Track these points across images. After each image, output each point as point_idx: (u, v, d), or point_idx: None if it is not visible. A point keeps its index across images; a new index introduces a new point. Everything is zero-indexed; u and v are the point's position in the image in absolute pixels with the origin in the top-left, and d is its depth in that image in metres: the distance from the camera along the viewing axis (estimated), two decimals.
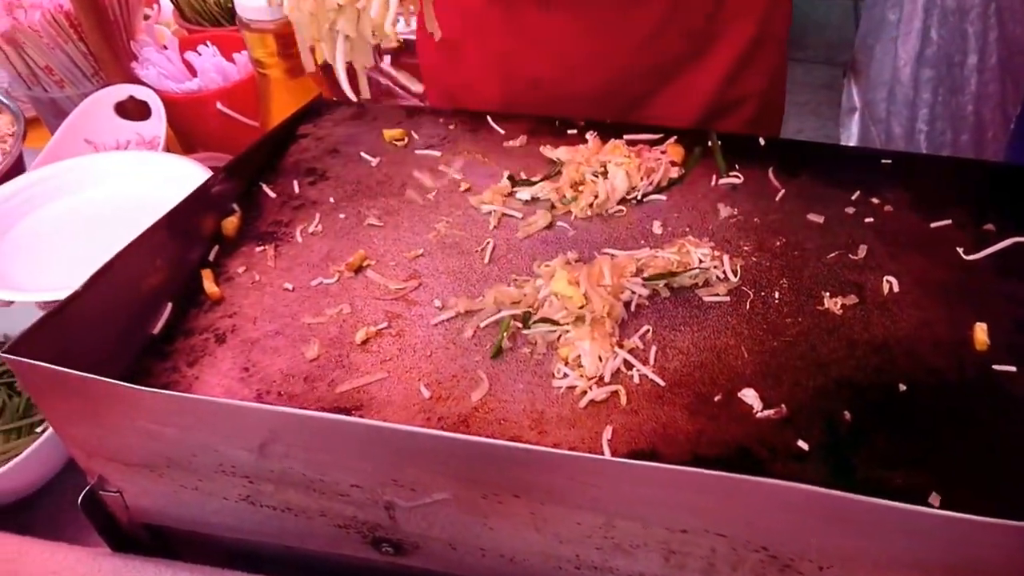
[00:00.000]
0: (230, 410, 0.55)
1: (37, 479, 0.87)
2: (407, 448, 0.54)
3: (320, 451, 0.57)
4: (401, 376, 0.68)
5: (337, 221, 0.84)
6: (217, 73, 1.32)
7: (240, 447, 0.58)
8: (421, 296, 0.75)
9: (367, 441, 0.56)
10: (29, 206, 0.94)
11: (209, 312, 0.76)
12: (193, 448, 0.60)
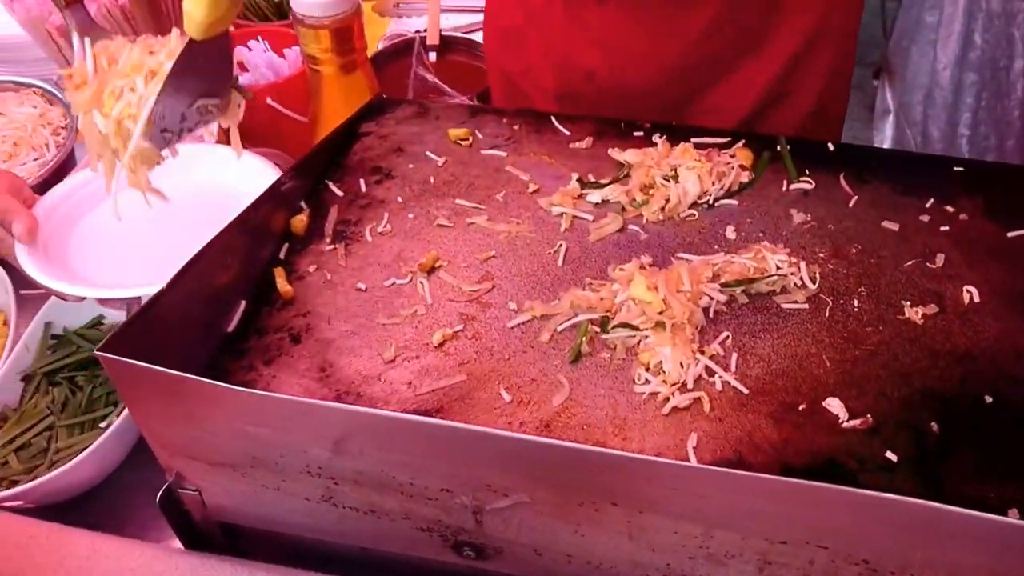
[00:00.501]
0: (326, 412, 0.55)
1: (99, 474, 0.87)
2: (505, 453, 0.54)
3: (412, 454, 0.57)
4: (480, 379, 0.68)
5: (406, 221, 0.83)
6: (268, 68, 1.32)
7: (330, 449, 0.58)
8: (495, 298, 0.75)
9: (462, 445, 0.56)
10: (94, 200, 0.93)
11: (282, 311, 0.75)
12: (282, 448, 0.60)
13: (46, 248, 0.84)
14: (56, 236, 0.87)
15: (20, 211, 0.82)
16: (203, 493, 0.67)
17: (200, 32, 0.73)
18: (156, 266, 0.85)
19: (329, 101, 1.24)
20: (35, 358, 0.94)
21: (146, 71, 0.76)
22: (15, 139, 1.16)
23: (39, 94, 1.27)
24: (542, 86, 1.17)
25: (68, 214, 0.90)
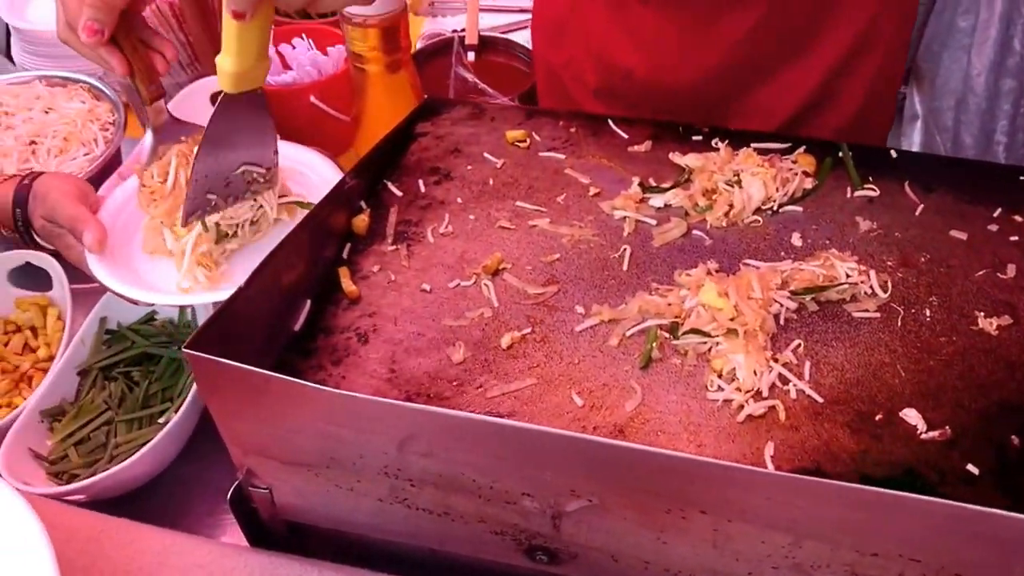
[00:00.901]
0: (412, 414, 0.55)
1: (156, 469, 0.87)
2: (592, 458, 0.54)
3: (494, 457, 0.57)
4: (551, 383, 0.68)
5: (467, 222, 0.83)
6: (312, 66, 1.32)
7: (412, 451, 0.58)
8: (561, 302, 0.75)
9: (546, 449, 0.56)
10: None
11: (348, 311, 0.76)
12: (362, 449, 0.60)
13: (112, 252, 0.84)
14: (120, 239, 0.88)
15: (89, 220, 0.82)
16: (273, 491, 0.68)
17: (231, 85, 0.75)
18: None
19: (374, 100, 1.25)
20: (91, 353, 0.95)
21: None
22: (65, 134, 1.17)
23: (86, 89, 1.28)
24: (582, 80, 1.17)
25: (131, 216, 0.90)
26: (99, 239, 0.82)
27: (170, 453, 0.88)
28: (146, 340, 0.95)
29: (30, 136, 1.15)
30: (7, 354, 0.95)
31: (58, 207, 0.84)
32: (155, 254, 0.86)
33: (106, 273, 0.81)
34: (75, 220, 0.83)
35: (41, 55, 1.46)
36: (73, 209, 0.84)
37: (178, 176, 0.83)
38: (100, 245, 0.82)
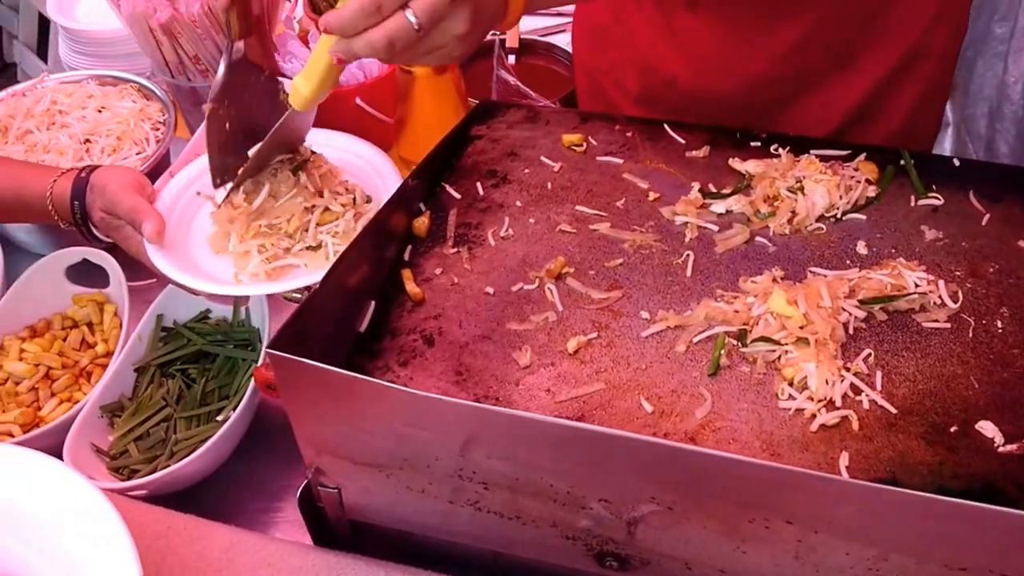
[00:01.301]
0: (495, 417, 0.55)
1: (214, 466, 0.88)
2: (675, 466, 0.54)
3: (573, 462, 0.57)
4: (619, 388, 0.68)
5: (528, 226, 0.83)
6: (358, 68, 1.33)
7: (492, 454, 0.58)
8: (626, 307, 0.75)
9: (629, 455, 0.56)
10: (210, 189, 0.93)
11: (413, 313, 0.76)
12: (438, 452, 0.60)
13: (169, 243, 0.85)
14: (176, 230, 0.88)
15: (149, 211, 0.83)
16: (342, 491, 0.68)
17: (303, 106, 0.75)
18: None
19: (419, 102, 1.25)
20: (148, 349, 0.95)
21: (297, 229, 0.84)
22: (119, 133, 1.17)
23: (136, 89, 1.29)
24: (623, 86, 1.17)
25: (186, 207, 0.91)
26: (158, 229, 0.83)
27: (226, 451, 0.89)
28: (202, 338, 0.96)
29: (85, 134, 1.16)
30: (67, 350, 0.96)
31: (117, 199, 0.85)
32: (218, 253, 0.86)
33: (166, 263, 0.82)
34: (134, 211, 0.84)
35: (89, 54, 1.48)
36: (132, 201, 0.84)
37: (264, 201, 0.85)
38: (159, 235, 0.83)
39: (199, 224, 0.90)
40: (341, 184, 0.89)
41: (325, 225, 0.84)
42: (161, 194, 0.89)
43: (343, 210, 0.85)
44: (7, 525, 0.63)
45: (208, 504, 0.89)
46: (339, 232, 0.83)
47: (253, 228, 0.85)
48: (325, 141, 0.94)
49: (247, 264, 0.81)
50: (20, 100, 1.24)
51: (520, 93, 1.47)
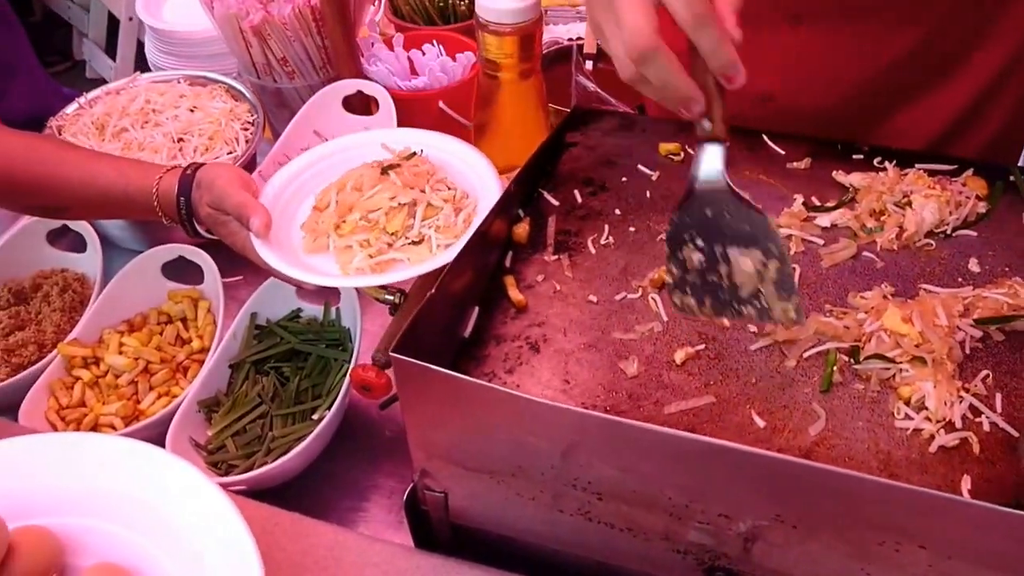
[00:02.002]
0: (626, 430, 0.55)
1: (306, 463, 0.89)
2: (802, 484, 0.53)
3: (697, 477, 0.57)
4: (729, 402, 0.68)
5: (628, 234, 0.83)
6: (442, 72, 1.34)
7: (609, 465, 0.58)
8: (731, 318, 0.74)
9: (749, 470, 0.55)
10: (307, 189, 0.94)
11: (516, 320, 0.76)
12: (555, 460, 0.60)
13: (275, 239, 0.85)
14: (278, 227, 0.89)
15: (256, 207, 0.84)
16: (449, 495, 0.68)
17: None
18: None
19: (504, 107, 1.25)
20: (242, 347, 0.97)
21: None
22: (211, 133, 1.19)
23: (224, 89, 1.31)
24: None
25: (288, 203, 0.91)
26: (265, 224, 0.84)
27: (318, 449, 0.90)
28: (294, 336, 0.97)
29: (178, 133, 1.19)
30: (164, 345, 0.98)
31: (224, 195, 0.86)
32: (315, 253, 0.87)
33: (273, 257, 0.83)
34: (242, 207, 0.85)
35: (175, 54, 1.51)
36: (240, 196, 0.86)
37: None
38: (266, 230, 0.84)
39: (300, 221, 0.91)
40: (441, 181, 0.89)
41: (427, 220, 0.84)
42: (264, 191, 0.90)
43: (444, 204, 0.85)
44: (134, 519, 0.65)
45: (295, 500, 0.90)
46: (440, 226, 0.84)
47: (351, 222, 0.85)
48: (424, 141, 0.95)
49: (351, 259, 0.82)
50: (115, 98, 1.26)
51: (600, 99, 1.47)
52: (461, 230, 0.84)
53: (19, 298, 1.09)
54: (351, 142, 0.98)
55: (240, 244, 0.87)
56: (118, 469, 0.67)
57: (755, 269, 0.63)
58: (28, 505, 0.67)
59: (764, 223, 0.63)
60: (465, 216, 0.85)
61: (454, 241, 0.83)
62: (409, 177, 0.88)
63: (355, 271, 0.81)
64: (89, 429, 0.92)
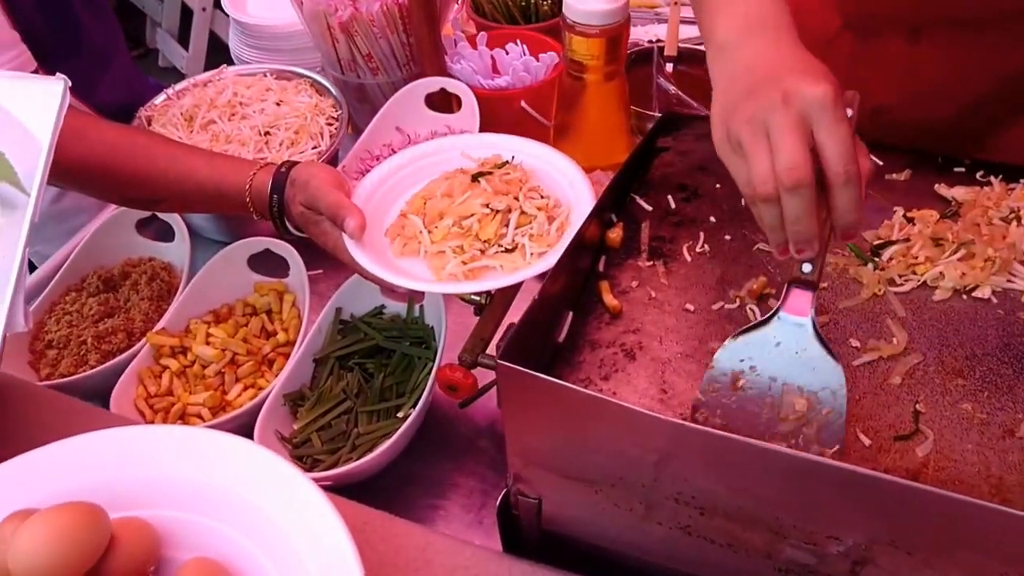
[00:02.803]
0: (738, 446, 0.54)
1: (389, 461, 0.89)
2: (919, 509, 0.52)
3: (807, 496, 0.55)
4: None
5: (724, 242, 0.82)
6: (525, 71, 1.33)
7: (715, 480, 0.57)
8: (833, 333, 0.73)
9: (854, 490, 0.54)
10: (398, 191, 0.94)
11: (611, 325, 0.75)
12: (659, 474, 0.59)
13: (367, 240, 0.86)
14: (370, 228, 0.89)
15: (351, 208, 0.84)
16: (543, 502, 0.68)
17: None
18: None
19: (587, 108, 1.25)
20: (327, 342, 0.97)
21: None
22: (296, 127, 1.21)
23: (309, 84, 1.32)
24: None
25: (378, 205, 0.92)
26: (360, 225, 0.84)
27: (402, 446, 0.90)
28: (378, 333, 0.98)
29: (264, 127, 1.20)
30: (250, 337, 0.99)
31: (320, 194, 0.86)
32: (404, 256, 0.87)
33: (366, 259, 0.83)
34: (336, 207, 0.85)
35: (259, 47, 1.53)
36: (334, 197, 0.86)
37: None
38: (360, 231, 0.84)
39: (389, 223, 0.91)
40: (533, 189, 0.89)
41: (520, 228, 0.84)
42: (356, 192, 0.91)
43: (537, 213, 0.85)
44: (230, 514, 0.65)
45: (374, 497, 0.90)
46: (533, 234, 0.84)
47: (443, 228, 0.85)
48: (516, 147, 0.94)
49: (444, 264, 0.82)
50: (203, 90, 1.28)
51: (681, 102, 1.45)
52: (554, 239, 0.84)
53: (108, 285, 1.11)
54: (441, 145, 0.98)
55: (332, 244, 0.88)
56: (216, 463, 0.67)
57: (804, 411, 0.63)
58: (126, 496, 0.68)
59: (838, 374, 0.62)
60: (558, 225, 0.85)
61: (547, 250, 0.82)
62: (500, 184, 0.87)
63: (448, 277, 0.81)
64: (177, 418, 0.93)
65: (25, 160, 0.72)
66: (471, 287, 0.81)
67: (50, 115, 0.71)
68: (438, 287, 0.81)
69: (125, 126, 1.04)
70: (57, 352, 1.02)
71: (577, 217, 0.86)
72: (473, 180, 0.89)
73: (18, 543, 0.59)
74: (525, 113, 1.33)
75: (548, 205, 0.87)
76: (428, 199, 0.88)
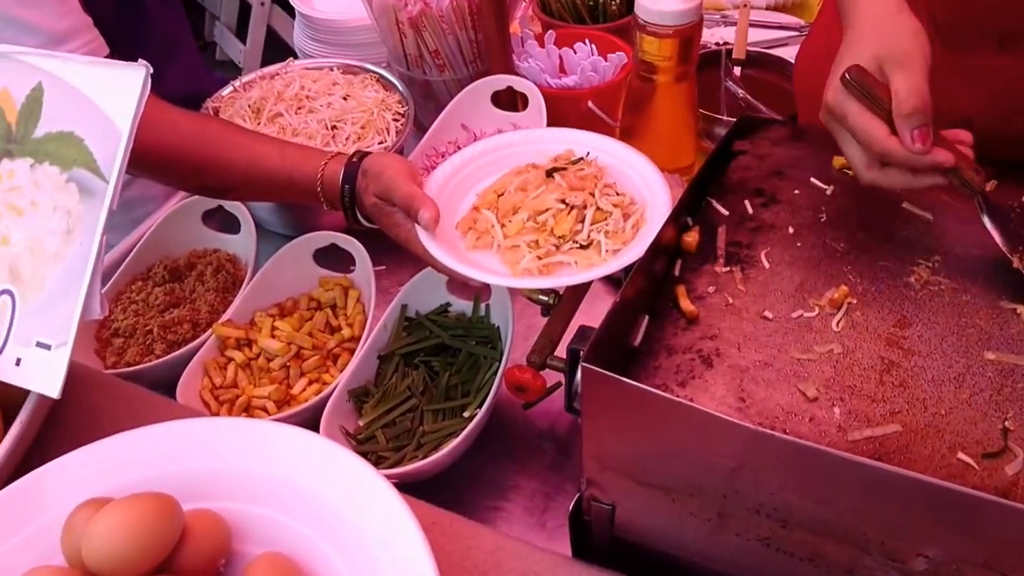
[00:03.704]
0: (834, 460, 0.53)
1: (454, 461, 0.88)
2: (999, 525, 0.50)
3: (895, 512, 0.54)
4: (917, 433, 0.64)
5: (803, 250, 0.80)
6: (593, 71, 1.32)
7: (799, 492, 0.56)
8: (917, 345, 0.71)
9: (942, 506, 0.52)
10: (470, 183, 0.93)
11: (687, 331, 0.74)
12: (741, 484, 0.58)
13: (440, 233, 0.85)
14: (442, 220, 0.89)
15: (425, 200, 0.83)
16: (617, 508, 0.67)
17: None
18: None
19: (656, 110, 1.23)
20: (392, 338, 0.97)
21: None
22: (363, 122, 1.21)
23: (375, 79, 1.32)
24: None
25: (449, 197, 0.91)
26: (434, 217, 0.83)
27: (467, 446, 0.89)
28: (444, 331, 0.97)
29: (331, 121, 1.20)
30: (315, 331, 0.99)
31: (394, 185, 0.86)
32: (476, 250, 0.87)
33: (441, 252, 0.82)
34: (411, 199, 0.84)
35: (324, 42, 1.54)
36: (408, 188, 0.85)
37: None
38: (435, 223, 0.83)
39: (459, 216, 0.90)
40: (609, 186, 0.87)
41: (595, 224, 0.83)
42: (427, 184, 0.90)
43: (613, 209, 0.84)
44: (300, 510, 0.65)
45: (436, 495, 0.89)
46: (609, 231, 0.82)
47: (516, 222, 0.85)
48: (591, 144, 0.93)
49: (518, 259, 0.81)
50: (270, 83, 1.29)
51: (749, 106, 1.43)
52: (630, 236, 0.82)
53: (174, 275, 1.12)
54: (511, 139, 0.97)
55: (404, 236, 0.87)
56: (287, 458, 0.67)
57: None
58: (197, 488, 0.68)
59: None
60: (634, 222, 0.84)
61: (622, 247, 0.81)
62: (575, 180, 0.86)
63: (522, 272, 0.80)
64: (242, 410, 0.93)
65: (104, 147, 0.72)
66: (547, 283, 0.79)
67: (130, 102, 0.71)
68: (513, 281, 0.80)
69: (197, 113, 1.05)
70: (123, 341, 1.03)
71: (653, 215, 0.85)
72: (547, 176, 0.88)
73: (93, 532, 0.59)
74: (591, 113, 1.32)
75: (624, 202, 0.86)
76: (501, 193, 0.88)
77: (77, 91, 0.71)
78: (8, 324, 0.70)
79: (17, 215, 0.71)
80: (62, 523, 0.63)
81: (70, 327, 0.67)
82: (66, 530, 0.62)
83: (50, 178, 0.70)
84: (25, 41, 0.92)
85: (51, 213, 0.70)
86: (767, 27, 1.72)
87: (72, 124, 0.71)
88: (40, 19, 1.02)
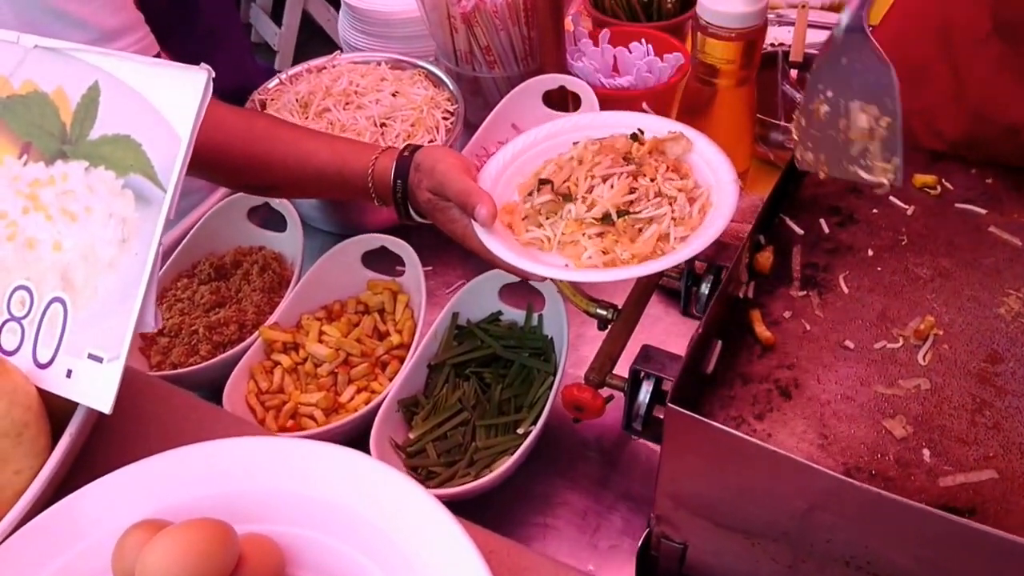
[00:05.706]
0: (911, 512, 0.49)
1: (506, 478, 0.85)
2: None
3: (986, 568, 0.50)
4: (1013, 481, 0.61)
5: (884, 275, 0.76)
6: (649, 71, 1.28)
7: (900, 546, 0.52)
8: (1010, 384, 0.67)
9: None
10: (516, 178, 0.88)
11: (764, 359, 0.70)
12: (832, 534, 0.54)
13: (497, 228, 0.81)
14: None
15: (482, 194, 0.79)
16: (688, 548, 0.63)
17: None
18: None
19: (715, 114, 1.19)
20: (442, 347, 0.94)
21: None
22: (412, 120, 1.17)
23: (424, 75, 1.29)
24: (935, 128, 1.05)
25: (501, 193, 0.87)
26: (492, 213, 0.79)
27: (520, 464, 0.86)
28: (496, 341, 0.94)
29: (381, 118, 1.17)
30: (363, 337, 0.96)
31: (448, 180, 0.82)
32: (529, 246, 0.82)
33: (502, 247, 0.78)
34: (466, 194, 0.80)
35: (370, 34, 1.50)
36: (463, 183, 0.81)
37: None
38: (492, 219, 0.79)
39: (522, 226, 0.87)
40: (672, 170, 0.83)
41: (658, 212, 0.79)
42: (480, 178, 0.86)
43: (677, 194, 0.80)
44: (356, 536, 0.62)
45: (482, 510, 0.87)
46: (675, 217, 0.78)
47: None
48: (648, 126, 0.88)
49: (579, 254, 0.77)
50: (317, 77, 1.26)
51: None
52: (696, 222, 0.78)
53: (219, 273, 1.10)
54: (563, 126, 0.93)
55: (460, 232, 0.83)
56: (342, 481, 0.64)
57: (869, 126, 0.71)
58: (249, 510, 0.65)
59: (888, 75, 0.69)
60: (700, 206, 0.79)
61: (690, 234, 0.77)
62: (636, 165, 0.82)
63: (586, 264, 0.76)
64: (288, 417, 0.91)
65: (162, 153, 0.69)
66: (614, 275, 0.75)
67: (191, 106, 0.68)
68: (577, 275, 0.76)
69: (244, 109, 1.02)
70: (169, 340, 1.01)
71: (719, 198, 0.80)
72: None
73: (148, 559, 0.57)
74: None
75: (687, 186, 0.81)
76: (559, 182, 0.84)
77: (135, 92, 0.68)
78: (60, 333, 0.67)
79: (71, 220, 0.68)
80: (110, 543, 0.61)
81: (123, 340, 0.65)
82: (117, 552, 0.60)
83: (105, 183, 0.68)
84: (73, 37, 0.89)
85: (106, 220, 0.67)
86: (824, 28, 1.67)
87: (129, 127, 0.68)
88: (90, 14, 0.99)
